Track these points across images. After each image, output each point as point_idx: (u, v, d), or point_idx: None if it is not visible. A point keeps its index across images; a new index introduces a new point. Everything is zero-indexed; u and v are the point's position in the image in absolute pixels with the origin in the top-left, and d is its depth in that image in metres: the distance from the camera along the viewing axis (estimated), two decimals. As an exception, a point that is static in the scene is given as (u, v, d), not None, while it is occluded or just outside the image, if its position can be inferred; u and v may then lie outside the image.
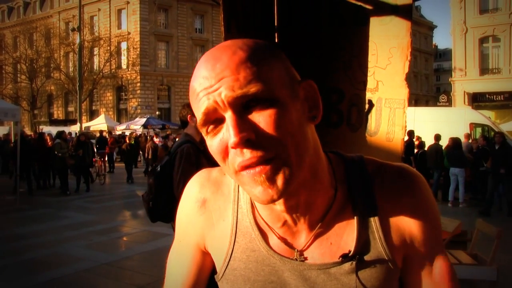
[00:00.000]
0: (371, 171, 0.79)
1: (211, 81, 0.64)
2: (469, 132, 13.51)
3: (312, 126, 0.72)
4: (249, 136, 0.62)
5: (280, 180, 0.64)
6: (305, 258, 0.76)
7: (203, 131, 0.68)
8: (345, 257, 0.74)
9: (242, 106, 0.64)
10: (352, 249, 0.75)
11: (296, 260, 0.76)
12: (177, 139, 5.53)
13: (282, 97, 0.65)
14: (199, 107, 0.66)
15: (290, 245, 0.77)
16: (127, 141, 17.38)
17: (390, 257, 0.75)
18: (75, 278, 5.33)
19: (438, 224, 0.79)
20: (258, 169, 0.63)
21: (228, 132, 0.64)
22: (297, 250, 0.77)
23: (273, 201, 0.65)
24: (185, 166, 3.17)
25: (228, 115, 0.64)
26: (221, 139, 0.66)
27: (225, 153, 0.66)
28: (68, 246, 6.80)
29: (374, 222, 0.76)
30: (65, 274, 5.48)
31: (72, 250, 6.58)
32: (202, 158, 3.32)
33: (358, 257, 0.74)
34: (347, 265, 0.74)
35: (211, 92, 0.64)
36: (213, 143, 0.67)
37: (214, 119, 0.66)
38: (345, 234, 0.76)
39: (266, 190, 0.64)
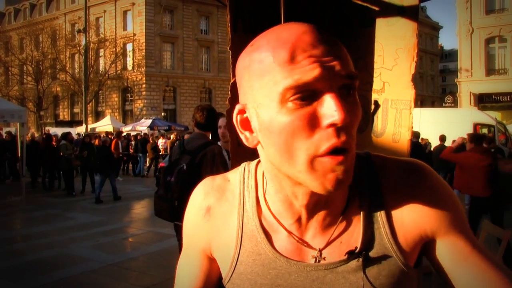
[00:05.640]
0: (378, 166, 0.78)
1: (326, 53, 0.61)
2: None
3: None
4: (350, 118, 0.62)
5: (350, 174, 0.65)
6: (314, 258, 0.75)
7: (277, 96, 0.62)
8: (351, 254, 0.73)
9: (345, 87, 0.63)
10: (358, 245, 0.73)
11: (303, 261, 0.75)
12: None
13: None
14: (303, 71, 0.60)
15: (298, 246, 0.76)
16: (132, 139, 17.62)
17: (397, 253, 0.73)
18: (81, 279, 5.35)
19: (457, 206, 0.75)
20: (343, 159, 0.62)
21: (329, 109, 0.60)
22: (308, 249, 0.76)
23: (334, 191, 0.65)
24: (219, 165, 3.23)
25: (335, 92, 0.61)
26: (311, 115, 0.61)
27: (312, 131, 0.62)
28: (74, 246, 6.82)
29: (381, 217, 0.74)
30: (71, 274, 5.50)
31: (78, 250, 6.61)
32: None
33: (364, 253, 0.72)
34: (354, 263, 0.73)
35: (326, 62, 0.61)
36: (295, 118, 0.61)
37: (308, 90, 0.61)
38: (355, 232, 0.75)
39: (338, 179, 0.63)
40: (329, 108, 0.60)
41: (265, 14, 1.61)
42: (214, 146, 3.37)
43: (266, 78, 0.63)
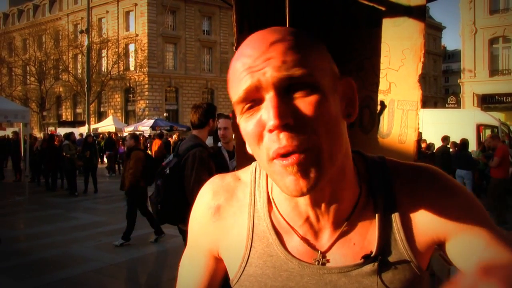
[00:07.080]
0: (392, 171, 0.78)
1: (256, 60, 0.64)
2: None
3: (345, 124, 0.72)
4: (288, 121, 0.61)
5: (312, 174, 0.63)
6: (327, 261, 0.74)
7: (238, 109, 0.67)
8: (366, 258, 0.72)
9: (285, 89, 0.63)
10: (374, 249, 0.73)
11: (317, 263, 0.74)
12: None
13: (325, 86, 0.65)
14: (240, 84, 0.65)
15: (312, 247, 0.75)
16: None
17: (412, 258, 0.73)
18: (83, 279, 5.36)
19: (471, 204, 0.73)
20: (291, 159, 0.62)
21: (267, 114, 0.62)
22: (320, 251, 0.75)
23: (302, 194, 0.64)
24: (199, 170, 3.18)
25: (270, 96, 0.63)
26: (258, 121, 0.64)
27: (260, 137, 0.65)
28: (76, 246, 6.84)
29: (396, 222, 0.74)
30: (73, 274, 5.52)
31: (80, 250, 6.62)
32: (211, 162, 3.34)
33: (380, 258, 0.72)
34: (369, 267, 0.72)
35: (256, 70, 0.63)
36: (248, 125, 0.66)
37: (253, 99, 0.65)
38: (368, 235, 0.74)
39: (297, 181, 0.63)
40: (266, 114, 0.63)
41: (271, 15, 1.61)
42: (197, 149, 3.30)
43: (231, 89, 0.69)
